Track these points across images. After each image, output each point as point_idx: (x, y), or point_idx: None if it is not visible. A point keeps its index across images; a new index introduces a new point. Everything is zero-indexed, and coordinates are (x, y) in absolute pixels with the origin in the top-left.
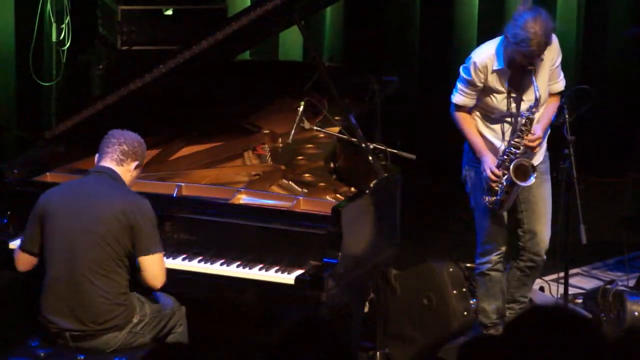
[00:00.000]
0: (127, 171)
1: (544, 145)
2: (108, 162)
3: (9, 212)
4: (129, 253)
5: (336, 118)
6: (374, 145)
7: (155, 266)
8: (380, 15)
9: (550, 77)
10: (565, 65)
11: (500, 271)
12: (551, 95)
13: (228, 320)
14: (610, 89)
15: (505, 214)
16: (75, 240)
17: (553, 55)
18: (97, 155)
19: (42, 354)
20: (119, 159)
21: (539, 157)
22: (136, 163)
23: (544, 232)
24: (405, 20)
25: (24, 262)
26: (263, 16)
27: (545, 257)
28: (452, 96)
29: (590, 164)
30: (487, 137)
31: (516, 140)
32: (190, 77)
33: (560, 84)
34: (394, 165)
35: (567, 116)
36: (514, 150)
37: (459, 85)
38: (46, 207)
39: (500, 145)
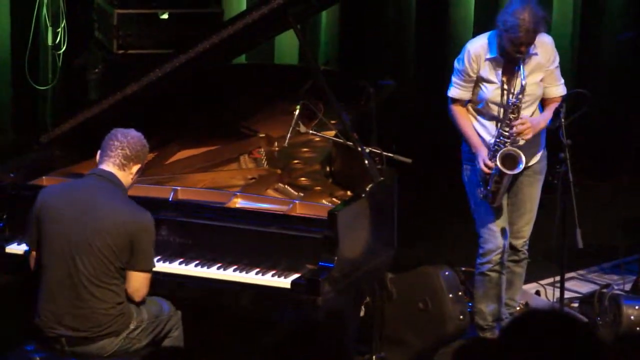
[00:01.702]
0: (128, 174)
1: (543, 144)
2: (110, 166)
3: (4, 216)
4: (127, 264)
5: (332, 122)
6: (370, 149)
7: (140, 283)
8: (376, 18)
9: (548, 80)
10: (561, 69)
11: (499, 272)
12: (549, 98)
13: (224, 324)
14: (605, 92)
15: (505, 214)
16: (75, 250)
17: (549, 55)
18: (99, 153)
19: (38, 359)
20: (121, 164)
21: (536, 157)
22: (138, 166)
23: (524, 228)
24: (400, 24)
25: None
26: (259, 20)
27: (526, 252)
28: (447, 91)
29: (587, 168)
30: (478, 132)
31: (505, 129)
32: (186, 81)
33: (560, 89)
34: (390, 168)
35: (563, 120)
36: (503, 139)
37: (453, 79)
38: (44, 208)
39: (494, 137)
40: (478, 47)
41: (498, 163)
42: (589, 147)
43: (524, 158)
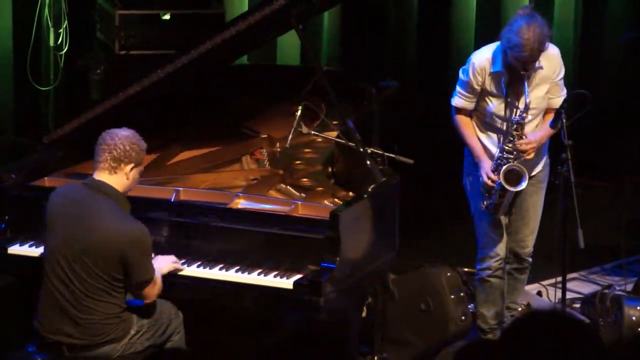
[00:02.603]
0: (122, 176)
1: (545, 152)
2: (100, 173)
3: (6, 217)
4: (124, 277)
5: (334, 122)
6: (372, 149)
7: (145, 291)
8: (378, 19)
9: (551, 91)
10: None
11: (500, 277)
12: (551, 108)
13: (226, 325)
14: (606, 92)
15: (505, 221)
16: (71, 266)
17: (555, 68)
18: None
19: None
20: (111, 167)
21: (539, 165)
22: (131, 165)
23: (529, 237)
24: (402, 25)
25: None
26: (261, 21)
27: (530, 261)
28: (451, 99)
29: (588, 168)
30: (484, 143)
31: (508, 145)
32: (188, 82)
33: (562, 98)
34: (392, 169)
35: (564, 121)
36: (506, 155)
37: (458, 88)
38: (49, 214)
39: (497, 152)
40: (483, 60)
41: (501, 179)
42: (590, 148)
43: (527, 175)
